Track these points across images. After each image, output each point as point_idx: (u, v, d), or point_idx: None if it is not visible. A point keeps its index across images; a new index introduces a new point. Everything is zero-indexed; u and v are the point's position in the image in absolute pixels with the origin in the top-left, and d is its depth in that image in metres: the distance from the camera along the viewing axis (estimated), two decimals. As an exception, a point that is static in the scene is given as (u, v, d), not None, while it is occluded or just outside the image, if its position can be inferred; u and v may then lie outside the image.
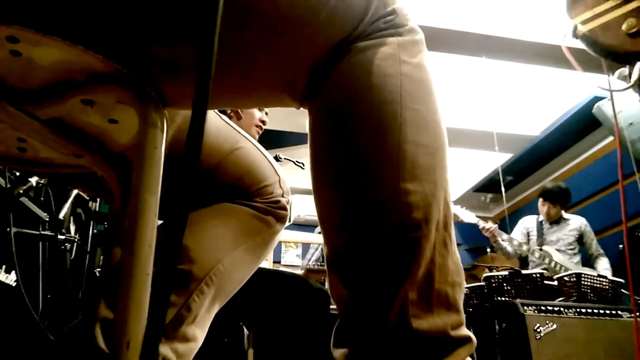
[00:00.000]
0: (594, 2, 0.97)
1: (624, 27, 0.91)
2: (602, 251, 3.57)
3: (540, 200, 3.66)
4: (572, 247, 3.51)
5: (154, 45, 0.53)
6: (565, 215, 3.65)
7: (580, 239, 3.57)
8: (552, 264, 3.34)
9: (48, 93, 0.53)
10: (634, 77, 1.09)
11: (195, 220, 0.76)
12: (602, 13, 0.95)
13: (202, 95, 0.35)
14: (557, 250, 3.47)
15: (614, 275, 2.57)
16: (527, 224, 3.74)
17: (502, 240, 3.43)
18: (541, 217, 3.69)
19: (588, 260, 3.58)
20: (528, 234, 3.69)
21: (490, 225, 3.41)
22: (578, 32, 0.99)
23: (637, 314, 2.01)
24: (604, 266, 3.46)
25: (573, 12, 1.00)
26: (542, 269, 3.26)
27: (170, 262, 0.35)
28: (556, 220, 3.61)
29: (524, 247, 3.41)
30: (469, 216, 3.43)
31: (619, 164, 1.27)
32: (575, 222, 3.61)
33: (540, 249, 3.47)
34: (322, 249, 3.16)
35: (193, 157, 0.35)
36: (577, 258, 3.50)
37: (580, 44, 1.03)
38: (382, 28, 0.57)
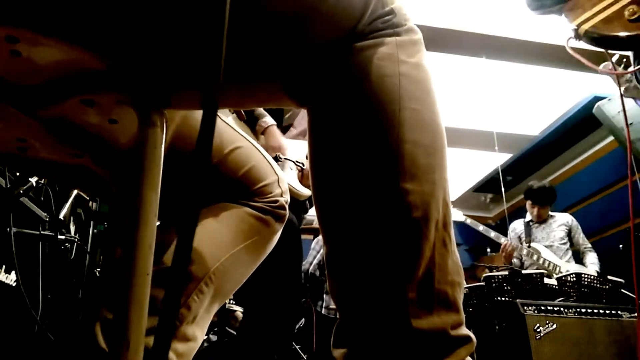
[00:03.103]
0: (591, 4, 0.99)
1: (625, 14, 0.93)
2: (589, 245, 3.58)
3: (529, 202, 3.66)
4: (563, 241, 3.52)
5: (156, 45, 0.53)
6: (551, 212, 3.68)
7: (569, 234, 3.58)
8: (541, 261, 3.35)
9: (48, 93, 0.53)
10: None
11: None
12: (601, 11, 0.98)
13: (211, 97, 0.35)
14: (548, 246, 3.48)
15: (615, 275, 2.57)
16: (518, 227, 3.75)
17: (524, 256, 3.42)
18: (528, 218, 3.70)
19: (577, 256, 3.58)
20: (520, 238, 3.70)
21: (507, 242, 3.38)
22: (580, 30, 1.00)
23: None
24: (591, 260, 3.47)
25: (572, 16, 1.01)
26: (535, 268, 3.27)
27: (181, 263, 0.35)
28: (544, 219, 3.64)
29: (524, 251, 3.43)
30: (456, 214, 3.42)
31: (629, 162, 1.27)
32: (562, 218, 3.64)
33: (529, 246, 3.48)
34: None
35: (204, 157, 0.35)
36: (569, 254, 3.49)
37: (582, 46, 1.04)
38: (380, 28, 0.57)
